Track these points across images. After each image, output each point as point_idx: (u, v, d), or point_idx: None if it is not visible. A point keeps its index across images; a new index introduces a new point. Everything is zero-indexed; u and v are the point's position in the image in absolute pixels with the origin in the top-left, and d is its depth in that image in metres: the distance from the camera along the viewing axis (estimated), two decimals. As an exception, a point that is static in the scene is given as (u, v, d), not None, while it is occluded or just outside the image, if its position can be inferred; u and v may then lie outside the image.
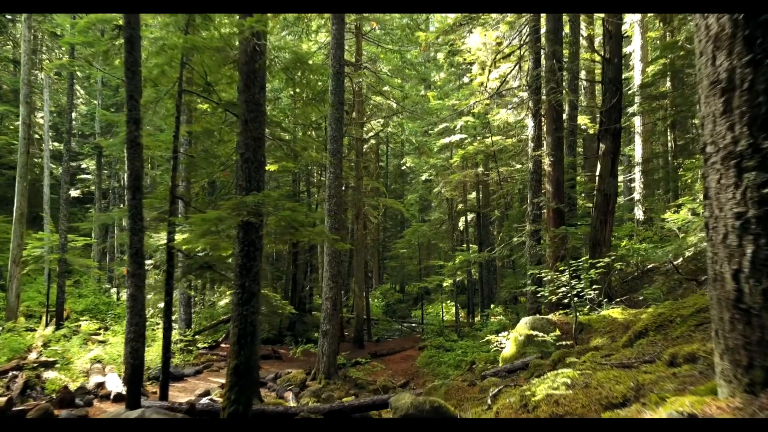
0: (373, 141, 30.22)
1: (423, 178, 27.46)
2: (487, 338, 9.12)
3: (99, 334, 17.15)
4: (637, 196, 22.06)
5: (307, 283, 25.35)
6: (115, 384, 10.78)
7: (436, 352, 17.18)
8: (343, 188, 24.93)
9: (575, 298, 7.75)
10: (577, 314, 7.40)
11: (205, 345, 16.72)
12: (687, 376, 2.84)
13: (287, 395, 11.43)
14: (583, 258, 7.86)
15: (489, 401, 4.49)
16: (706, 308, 4.88)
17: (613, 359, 4.45)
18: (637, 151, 20.94)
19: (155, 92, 9.27)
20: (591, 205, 19.99)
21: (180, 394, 11.70)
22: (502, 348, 8.97)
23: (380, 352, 18.58)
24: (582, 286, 8.06)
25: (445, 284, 24.02)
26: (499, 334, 9.07)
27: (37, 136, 28.29)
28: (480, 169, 21.74)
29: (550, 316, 8.32)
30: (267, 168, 10.32)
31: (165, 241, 8.99)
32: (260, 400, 10.73)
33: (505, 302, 19.85)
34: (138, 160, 7.92)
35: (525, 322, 8.23)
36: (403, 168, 36.84)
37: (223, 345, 17.91)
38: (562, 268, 7.94)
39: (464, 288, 26.17)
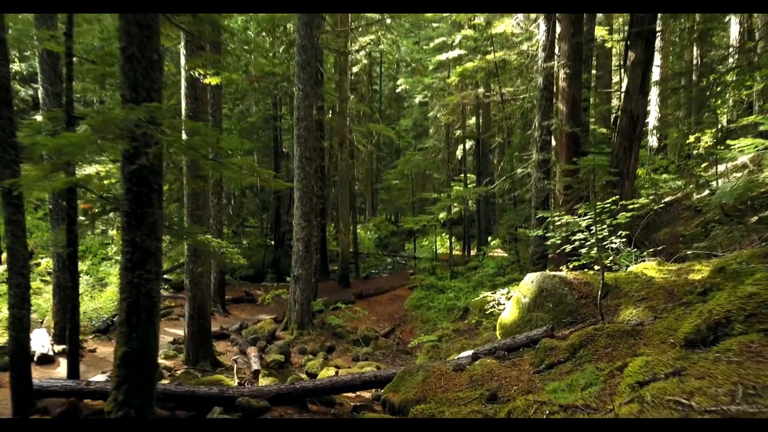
0: (365, 61, 27.34)
1: (417, 100, 24.86)
2: (482, 295, 7.31)
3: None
4: (652, 121, 19.79)
5: (290, 217, 23.50)
6: (43, 342, 9.13)
7: (427, 293, 15.64)
8: (330, 114, 22.54)
9: (597, 249, 5.83)
10: (604, 273, 5.51)
11: (166, 288, 15.05)
12: None
13: (250, 352, 9.81)
14: (612, 199, 5.87)
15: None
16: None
17: (694, 388, 2.56)
18: (655, 68, 18.40)
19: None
20: (605, 130, 17.78)
21: (125, 352, 10.12)
22: (500, 309, 7.19)
23: (366, 292, 17.05)
24: (605, 233, 6.13)
25: (440, 216, 22.25)
26: (498, 292, 7.27)
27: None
28: (480, 90, 19.22)
29: (563, 273, 6.45)
30: (207, 82, 8.08)
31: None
32: (214, 361, 9.15)
33: (504, 240, 18.09)
34: (3, 64, 5.72)
35: (531, 280, 6.38)
36: (398, 91, 34.00)
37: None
38: (582, 210, 5.98)
39: (461, 218, 24.37)
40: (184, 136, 5.75)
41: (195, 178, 7.06)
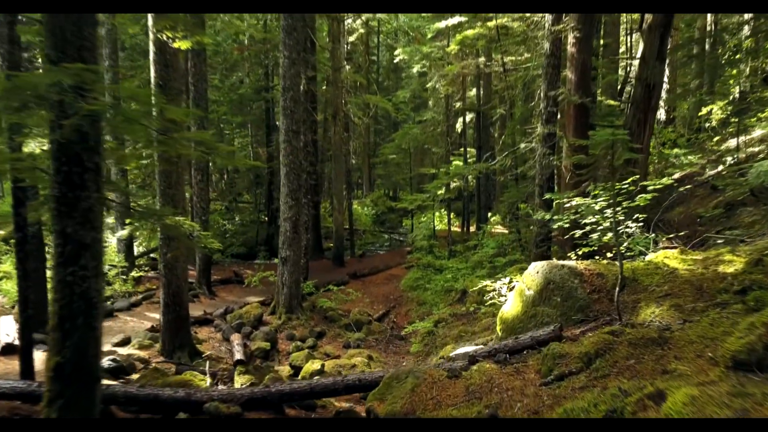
0: (361, 30, 26.16)
1: (415, 70, 23.77)
2: (481, 285, 6.61)
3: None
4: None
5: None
6: (8, 331, 8.50)
7: (424, 272, 15.01)
8: (324, 85, 21.50)
9: (614, 236, 5.11)
10: (623, 263, 4.79)
11: (146, 270, 14.35)
12: None
13: (234, 339, 9.19)
14: (631, 179, 5.10)
15: None
16: None
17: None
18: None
19: None
20: (612, 102, 16.85)
21: (99, 340, 9.49)
22: (501, 300, 6.50)
23: (361, 272, 16.42)
24: (621, 216, 5.39)
25: (438, 193, 21.45)
26: (498, 281, 6.55)
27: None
28: (481, 59, 18.21)
29: (572, 262, 5.74)
30: (177, 46, 7.21)
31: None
32: (193, 350, 8.52)
33: (505, 217, 17.36)
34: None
35: (536, 270, 5.67)
36: (396, 62, 32.74)
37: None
38: (596, 192, 5.23)
39: (460, 194, 23.58)
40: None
41: (161, 156, 6.30)
